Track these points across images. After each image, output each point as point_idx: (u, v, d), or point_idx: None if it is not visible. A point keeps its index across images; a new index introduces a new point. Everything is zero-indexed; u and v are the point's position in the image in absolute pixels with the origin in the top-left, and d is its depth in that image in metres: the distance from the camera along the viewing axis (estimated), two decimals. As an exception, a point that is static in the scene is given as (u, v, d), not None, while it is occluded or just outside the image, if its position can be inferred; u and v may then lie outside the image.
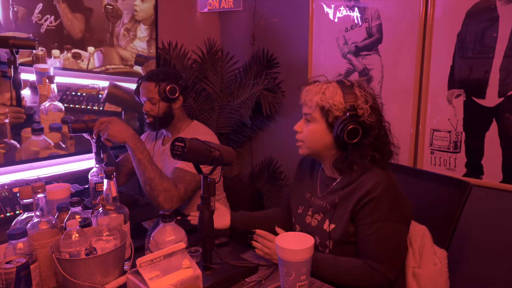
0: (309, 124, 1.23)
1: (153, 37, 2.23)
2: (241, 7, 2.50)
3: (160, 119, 1.69)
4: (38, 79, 1.87)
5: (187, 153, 1.05)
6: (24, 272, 0.92)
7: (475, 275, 1.79)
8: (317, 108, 1.20)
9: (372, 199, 1.14)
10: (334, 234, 1.20)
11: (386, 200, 1.14)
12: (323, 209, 1.26)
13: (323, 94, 1.19)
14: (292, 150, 1.32)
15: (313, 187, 1.34)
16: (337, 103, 1.17)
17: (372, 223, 1.14)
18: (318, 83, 1.23)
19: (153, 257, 0.90)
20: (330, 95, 1.18)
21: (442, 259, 1.27)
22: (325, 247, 1.23)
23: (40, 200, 1.04)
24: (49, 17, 1.87)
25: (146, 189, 1.52)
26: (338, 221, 1.20)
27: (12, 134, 1.82)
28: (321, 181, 1.33)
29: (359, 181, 1.18)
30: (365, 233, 1.15)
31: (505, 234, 1.69)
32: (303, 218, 1.33)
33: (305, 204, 1.35)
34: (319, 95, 1.19)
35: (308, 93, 1.22)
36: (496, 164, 1.67)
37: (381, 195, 1.14)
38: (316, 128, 1.22)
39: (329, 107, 1.18)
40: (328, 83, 1.22)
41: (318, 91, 1.20)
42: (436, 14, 1.75)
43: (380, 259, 1.13)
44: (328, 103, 1.18)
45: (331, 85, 1.21)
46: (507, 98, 1.61)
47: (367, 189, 1.15)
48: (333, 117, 1.18)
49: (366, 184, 1.17)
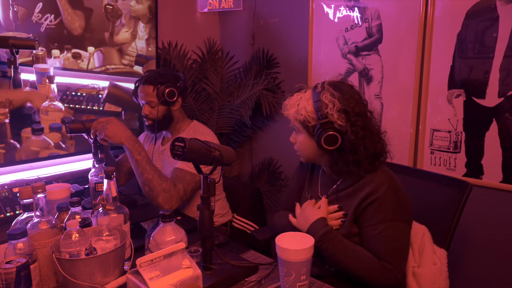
0: (298, 135, 1.27)
1: (152, 35, 2.23)
2: (241, 7, 2.50)
3: (159, 122, 1.69)
4: (38, 79, 1.87)
5: (187, 153, 1.05)
6: (24, 272, 0.92)
7: (474, 274, 1.79)
8: (296, 121, 1.24)
9: (375, 199, 1.14)
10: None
11: (389, 200, 1.14)
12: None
13: (297, 107, 1.22)
14: (292, 150, 1.32)
15: (314, 188, 1.35)
16: (310, 113, 1.19)
17: (378, 223, 1.14)
18: (298, 94, 1.26)
19: (153, 257, 0.90)
20: (302, 106, 1.21)
21: (442, 259, 1.27)
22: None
23: (40, 200, 1.04)
24: (49, 16, 1.87)
25: (145, 190, 1.52)
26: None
27: (12, 134, 1.82)
28: (322, 182, 1.33)
29: (362, 182, 1.19)
30: (371, 233, 1.15)
31: (505, 234, 1.69)
32: None
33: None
34: (294, 108, 1.23)
35: (286, 108, 1.27)
36: (496, 164, 1.67)
37: (385, 195, 1.14)
38: (302, 138, 1.26)
39: (303, 119, 1.20)
40: (304, 93, 1.24)
41: (294, 104, 1.23)
42: (436, 14, 1.75)
43: (389, 259, 1.13)
44: (301, 115, 1.20)
45: (305, 95, 1.23)
46: (507, 98, 1.61)
47: (369, 190, 1.15)
48: (311, 126, 1.20)
49: (368, 185, 1.17)
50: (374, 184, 1.16)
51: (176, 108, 1.71)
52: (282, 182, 2.57)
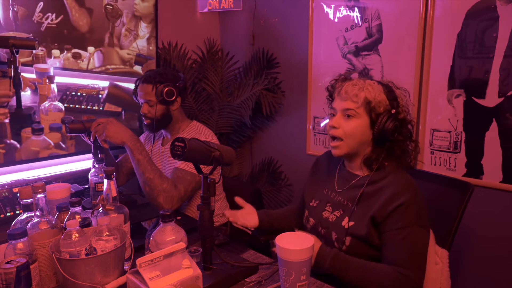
0: (351, 120, 1.20)
1: (153, 34, 2.23)
2: (241, 7, 2.50)
3: (158, 121, 1.69)
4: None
5: (187, 153, 1.05)
6: (24, 272, 0.91)
7: (476, 274, 1.79)
8: (363, 103, 1.18)
9: (402, 203, 1.12)
10: (352, 231, 1.18)
11: (415, 205, 1.13)
12: (344, 206, 1.24)
13: (369, 91, 1.19)
14: (292, 150, 1.32)
15: (331, 182, 1.33)
16: (382, 100, 1.18)
17: (402, 228, 1.11)
18: (359, 79, 1.23)
19: (153, 257, 0.90)
20: (375, 92, 1.19)
21: (443, 259, 1.27)
22: (342, 244, 1.20)
23: (40, 200, 1.04)
24: (50, 15, 1.87)
25: (146, 189, 1.52)
26: (358, 219, 1.18)
27: (12, 134, 1.82)
28: (339, 176, 1.31)
29: (385, 182, 1.17)
30: (394, 238, 1.12)
31: (505, 234, 1.69)
32: (319, 212, 1.30)
33: (321, 198, 1.33)
34: (365, 91, 1.18)
35: (354, 88, 1.20)
36: (496, 164, 1.67)
37: (411, 201, 1.12)
38: (359, 123, 1.19)
39: (375, 104, 1.18)
40: (368, 80, 1.23)
41: (363, 86, 1.19)
42: (436, 14, 1.75)
43: (410, 265, 1.10)
44: (374, 100, 1.18)
45: (372, 83, 1.21)
46: (507, 98, 1.61)
47: (393, 191, 1.13)
48: (376, 114, 1.18)
49: (392, 186, 1.15)
50: (398, 186, 1.14)
51: (175, 108, 1.71)
52: (282, 182, 2.57)
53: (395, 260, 1.12)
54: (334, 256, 1.14)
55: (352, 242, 1.18)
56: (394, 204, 1.12)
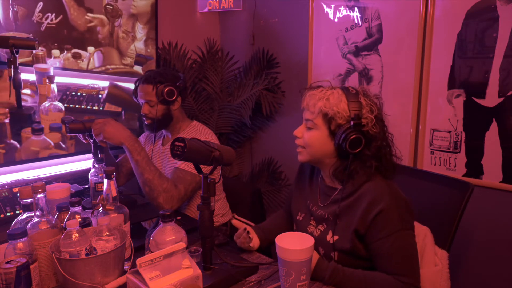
0: (310, 130, 1.18)
1: (150, 36, 2.23)
2: (241, 7, 2.51)
3: (159, 121, 1.69)
4: (38, 79, 1.87)
5: (187, 153, 1.05)
6: (24, 272, 0.91)
7: (475, 275, 1.79)
8: (319, 114, 1.15)
9: (380, 211, 1.09)
10: (338, 245, 1.16)
11: (395, 210, 1.10)
12: (326, 220, 1.21)
13: (327, 101, 1.14)
14: (292, 150, 1.31)
15: (314, 196, 1.30)
16: (341, 110, 1.13)
17: (387, 236, 1.09)
18: (322, 88, 1.19)
19: (153, 257, 0.90)
20: (334, 102, 1.14)
21: (443, 260, 1.27)
22: (330, 259, 1.18)
23: (40, 200, 1.04)
24: (50, 15, 1.87)
25: (146, 190, 1.51)
26: (341, 232, 1.16)
27: (12, 134, 1.82)
28: (321, 190, 1.28)
29: (361, 191, 1.14)
30: (382, 248, 1.10)
31: (505, 234, 1.69)
32: (305, 227, 1.29)
33: (306, 211, 1.31)
34: (323, 101, 1.15)
35: (312, 98, 1.17)
36: (496, 164, 1.67)
37: (389, 206, 1.09)
38: (317, 134, 1.17)
39: (332, 115, 1.13)
40: (332, 89, 1.17)
41: (322, 96, 1.15)
42: (436, 14, 1.75)
43: (406, 272, 1.08)
44: (332, 110, 1.13)
45: (335, 92, 1.16)
46: (507, 98, 1.61)
47: (370, 199, 1.11)
48: (336, 125, 1.14)
49: (368, 194, 1.12)
50: (374, 194, 1.11)
51: (176, 108, 1.71)
52: (282, 182, 2.57)
53: (389, 270, 1.10)
54: (333, 270, 1.11)
55: (340, 256, 1.16)
56: (373, 212, 1.10)
